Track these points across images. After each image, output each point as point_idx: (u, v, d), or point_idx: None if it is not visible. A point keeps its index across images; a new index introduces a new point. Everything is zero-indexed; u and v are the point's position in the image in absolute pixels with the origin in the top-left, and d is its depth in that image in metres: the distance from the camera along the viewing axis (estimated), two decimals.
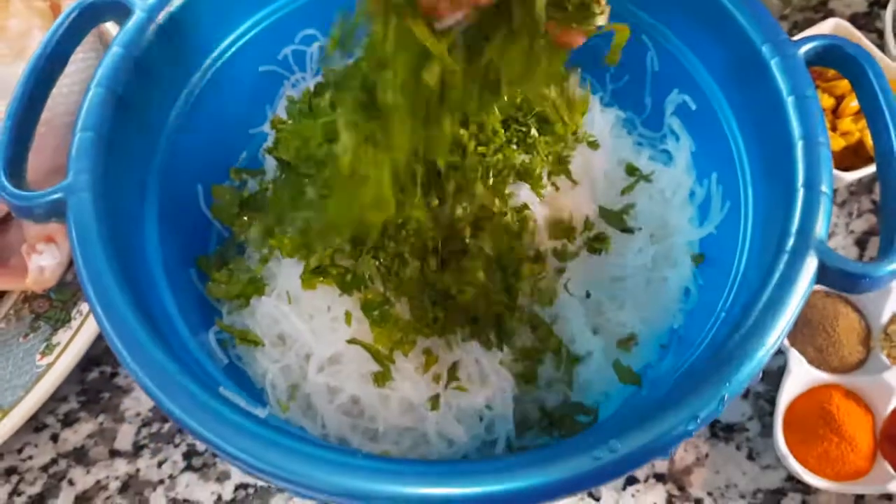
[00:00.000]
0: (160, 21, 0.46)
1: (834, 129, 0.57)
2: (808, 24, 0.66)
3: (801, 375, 0.49)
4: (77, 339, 0.53)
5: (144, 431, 0.54)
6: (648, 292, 0.47)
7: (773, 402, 0.51)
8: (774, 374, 0.53)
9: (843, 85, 0.58)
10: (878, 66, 0.41)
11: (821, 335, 0.51)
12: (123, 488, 0.53)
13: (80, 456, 0.54)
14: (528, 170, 0.45)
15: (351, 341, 0.42)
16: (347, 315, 0.43)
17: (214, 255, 0.51)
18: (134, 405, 0.55)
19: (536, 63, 0.34)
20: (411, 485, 0.32)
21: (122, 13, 0.47)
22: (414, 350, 0.43)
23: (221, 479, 0.52)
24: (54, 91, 0.46)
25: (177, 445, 0.53)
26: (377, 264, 0.41)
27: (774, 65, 0.42)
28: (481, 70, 0.35)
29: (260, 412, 0.38)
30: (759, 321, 0.36)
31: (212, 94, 0.51)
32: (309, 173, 0.45)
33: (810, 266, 0.37)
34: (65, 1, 0.59)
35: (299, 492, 0.33)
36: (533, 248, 0.44)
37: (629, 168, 0.51)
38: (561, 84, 0.45)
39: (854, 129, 0.57)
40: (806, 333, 0.51)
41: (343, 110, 0.37)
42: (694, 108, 0.49)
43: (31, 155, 0.44)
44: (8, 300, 0.58)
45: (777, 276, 0.37)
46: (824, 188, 0.39)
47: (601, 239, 0.45)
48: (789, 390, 0.49)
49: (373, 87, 0.36)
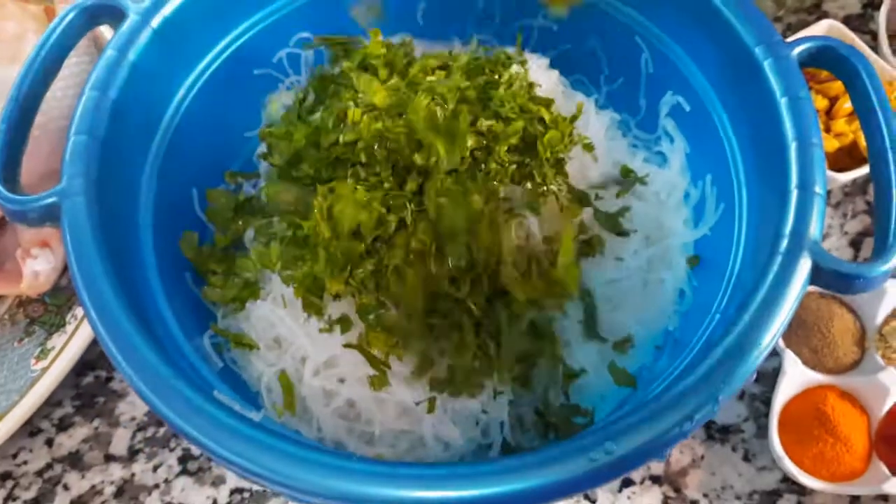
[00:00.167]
0: (154, 25, 0.46)
1: (828, 130, 0.57)
2: (802, 25, 0.66)
3: (796, 376, 0.50)
4: (72, 343, 0.53)
5: (139, 436, 0.54)
6: (644, 294, 0.47)
7: (768, 403, 0.51)
8: (770, 376, 0.53)
9: (836, 86, 0.58)
10: (872, 68, 0.41)
11: (816, 336, 0.51)
12: (118, 493, 0.52)
13: (74, 460, 0.54)
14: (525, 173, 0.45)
15: (347, 345, 0.42)
16: (343, 321, 0.43)
17: (207, 249, 0.50)
18: (129, 409, 0.55)
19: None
20: (406, 488, 0.32)
21: (117, 17, 0.47)
22: (409, 354, 0.43)
23: (217, 483, 0.52)
24: (48, 95, 0.46)
25: (172, 450, 0.53)
26: (371, 271, 0.41)
27: (768, 66, 0.42)
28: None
29: (254, 416, 0.38)
30: (753, 322, 0.36)
31: (206, 97, 0.51)
32: (299, 176, 0.45)
33: (804, 267, 0.37)
34: (59, 5, 0.59)
35: (294, 496, 0.33)
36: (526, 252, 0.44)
37: (624, 170, 0.51)
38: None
39: (848, 130, 0.57)
40: (801, 334, 0.51)
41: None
42: (688, 109, 0.49)
43: (25, 159, 0.44)
44: (2, 305, 0.58)
45: (771, 277, 0.37)
46: (818, 189, 0.39)
47: (595, 242, 0.45)
48: (784, 391, 0.49)
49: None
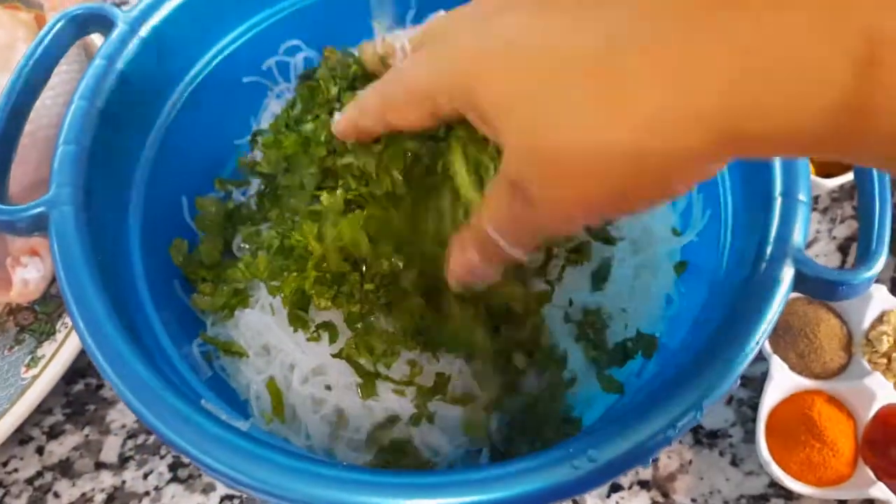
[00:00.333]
0: (143, 34, 0.46)
1: None
2: None
3: (783, 381, 0.50)
4: (62, 351, 0.53)
5: (130, 443, 0.54)
6: (631, 301, 0.47)
7: (755, 408, 0.51)
8: (757, 380, 0.53)
9: None
10: None
11: (802, 341, 0.51)
12: (109, 500, 0.52)
13: (65, 468, 0.54)
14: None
15: (335, 355, 0.42)
16: (331, 329, 0.43)
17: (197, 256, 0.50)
18: (119, 417, 0.55)
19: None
20: (392, 496, 0.32)
21: (106, 25, 0.47)
22: (398, 361, 0.43)
23: (207, 490, 0.52)
24: (37, 103, 0.46)
25: (162, 457, 0.53)
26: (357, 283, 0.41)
27: None
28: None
29: (242, 425, 0.38)
30: (737, 329, 0.36)
31: (195, 105, 0.51)
32: (287, 185, 0.46)
33: (787, 274, 0.37)
34: (50, 13, 0.59)
35: None
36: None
37: None
38: None
39: None
40: (788, 340, 0.52)
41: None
42: None
43: (13, 168, 0.44)
44: None
45: (755, 284, 0.37)
46: (802, 196, 0.39)
47: (582, 250, 0.45)
48: (771, 396, 0.49)
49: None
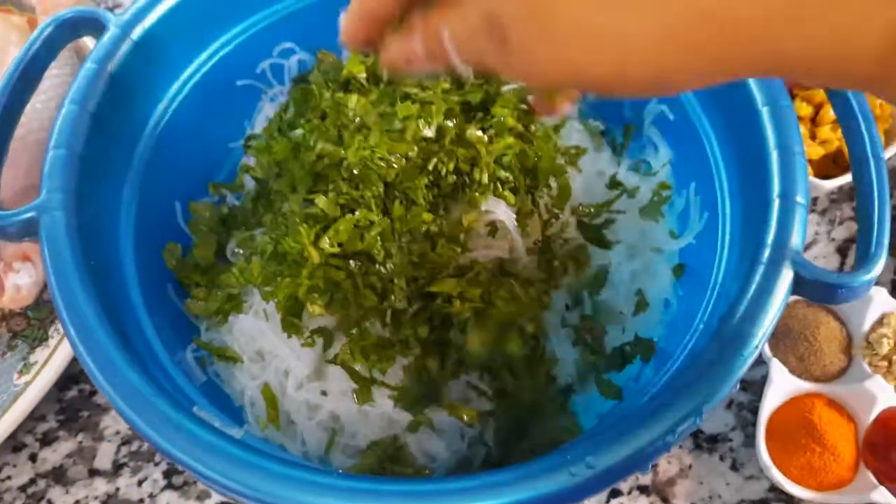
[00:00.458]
0: (135, 37, 0.46)
1: (813, 137, 0.57)
2: None
3: (782, 385, 0.49)
4: (55, 357, 0.52)
5: (124, 450, 0.53)
6: (629, 305, 0.46)
7: (755, 412, 0.51)
8: (757, 384, 0.53)
9: (821, 94, 0.58)
10: None
11: (802, 344, 0.51)
12: None
13: (59, 475, 0.53)
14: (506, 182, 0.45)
15: (330, 361, 0.42)
16: (326, 335, 0.43)
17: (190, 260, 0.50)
18: (113, 423, 0.54)
19: None
20: None
21: (97, 29, 0.47)
22: (393, 367, 0.43)
23: (202, 497, 0.52)
24: (28, 107, 0.46)
25: (157, 464, 0.53)
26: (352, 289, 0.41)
27: None
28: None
29: (236, 432, 0.37)
30: (735, 333, 0.36)
31: (188, 109, 0.50)
32: (279, 189, 0.45)
33: (786, 278, 0.36)
34: (42, 16, 0.59)
35: None
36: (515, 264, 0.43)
37: (612, 182, 0.50)
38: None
39: (833, 137, 0.57)
40: (787, 343, 0.51)
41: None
42: (672, 118, 0.49)
43: (4, 172, 0.44)
44: None
45: (753, 287, 0.37)
46: (800, 199, 0.39)
47: (581, 256, 0.45)
48: (771, 400, 0.49)
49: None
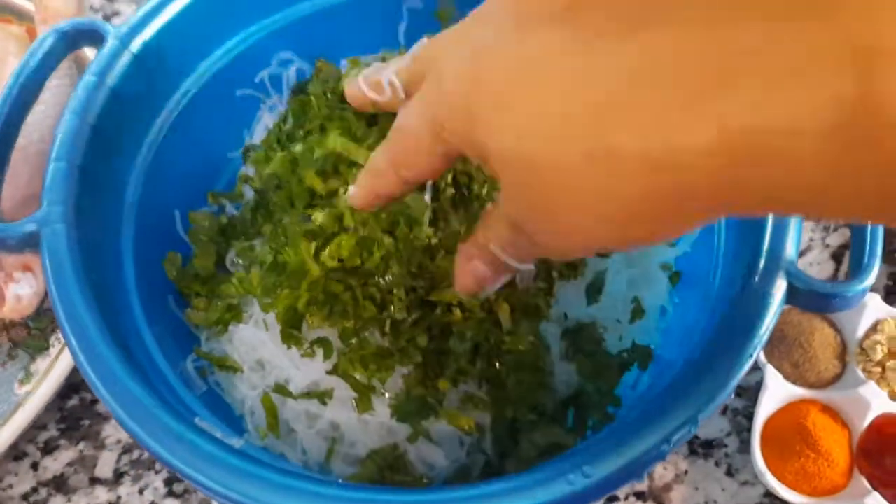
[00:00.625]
0: (134, 49, 0.46)
1: None
2: None
3: (777, 391, 0.50)
4: (56, 366, 0.53)
5: (125, 458, 0.54)
6: (625, 312, 0.47)
7: (750, 417, 0.51)
8: (752, 390, 0.53)
9: None
10: None
11: (797, 351, 0.51)
12: None
13: (60, 484, 0.53)
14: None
15: (330, 372, 0.42)
16: (326, 346, 0.43)
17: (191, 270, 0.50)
18: (114, 432, 0.55)
19: None
20: None
21: (97, 40, 0.47)
22: (393, 376, 0.43)
23: None
24: (28, 118, 0.46)
25: (158, 472, 0.53)
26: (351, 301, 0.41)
27: None
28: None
29: (236, 442, 0.38)
30: (730, 343, 0.36)
31: (188, 119, 0.51)
32: (278, 201, 0.46)
33: (780, 287, 0.37)
34: (41, 26, 0.59)
35: None
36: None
37: None
38: None
39: None
40: (782, 349, 0.52)
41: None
42: None
43: (4, 183, 0.44)
44: None
45: (747, 297, 0.37)
46: None
47: (575, 265, 0.45)
48: (766, 406, 0.49)
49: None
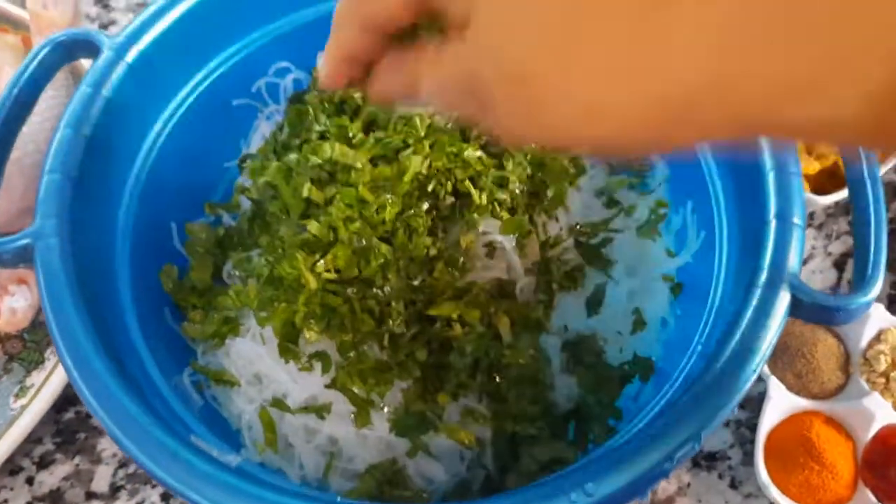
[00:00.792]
0: (129, 59, 0.46)
1: (809, 152, 0.57)
2: None
3: (781, 402, 0.49)
4: (52, 380, 0.52)
5: (121, 473, 0.53)
6: (626, 325, 0.46)
7: (754, 429, 0.50)
8: (755, 401, 0.53)
9: None
10: None
11: (800, 361, 0.51)
12: None
13: (56, 498, 0.53)
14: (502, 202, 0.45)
15: (328, 386, 0.42)
16: (325, 359, 0.43)
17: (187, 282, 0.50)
18: (110, 446, 0.54)
19: None
20: None
21: (92, 51, 0.47)
22: (392, 390, 0.43)
23: None
24: (23, 129, 0.46)
25: (154, 486, 0.53)
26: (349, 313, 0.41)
27: None
28: None
29: (232, 459, 0.37)
30: (733, 357, 0.36)
31: (184, 129, 0.50)
32: (274, 211, 0.45)
33: (783, 301, 0.36)
34: (36, 36, 0.59)
35: None
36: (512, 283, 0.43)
37: (610, 201, 0.50)
38: None
39: (829, 152, 0.57)
40: (785, 360, 0.51)
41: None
42: None
43: (0, 195, 0.44)
44: None
45: (750, 311, 0.37)
46: (797, 220, 0.39)
47: (575, 277, 0.45)
48: (770, 418, 0.49)
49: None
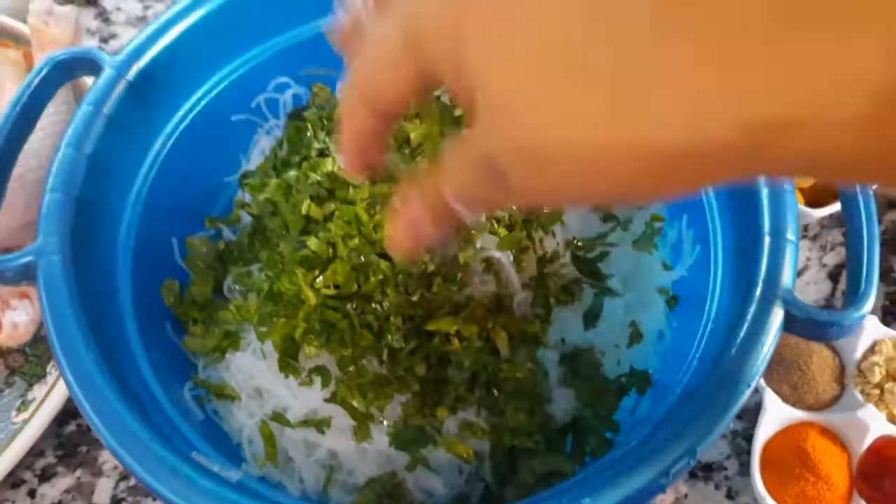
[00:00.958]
0: (130, 77, 0.46)
1: None
2: None
3: (776, 414, 0.50)
4: (53, 393, 0.53)
5: (122, 485, 0.54)
6: (622, 338, 0.47)
7: (750, 439, 0.51)
8: (751, 412, 0.53)
9: None
10: None
11: (795, 373, 0.51)
12: None
13: None
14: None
15: (328, 400, 0.42)
16: (324, 373, 0.43)
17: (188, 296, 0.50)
18: (111, 458, 0.55)
19: None
20: None
21: (94, 70, 0.47)
22: (391, 403, 0.43)
23: None
24: (25, 146, 0.46)
25: (155, 499, 0.53)
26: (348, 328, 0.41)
27: None
28: None
29: (233, 475, 0.38)
30: (728, 373, 0.36)
31: (184, 145, 0.51)
32: (273, 227, 0.46)
33: (777, 316, 0.37)
34: (38, 52, 0.59)
35: None
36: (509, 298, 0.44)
37: (606, 214, 0.50)
38: None
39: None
40: (780, 372, 0.51)
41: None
42: None
43: (2, 211, 0.44)
44: None
45: (745, 327, 0.37)
46: (790, 236, 0.39)
47: (574, 290, 0.45)
48: (765, 429, 0.49)
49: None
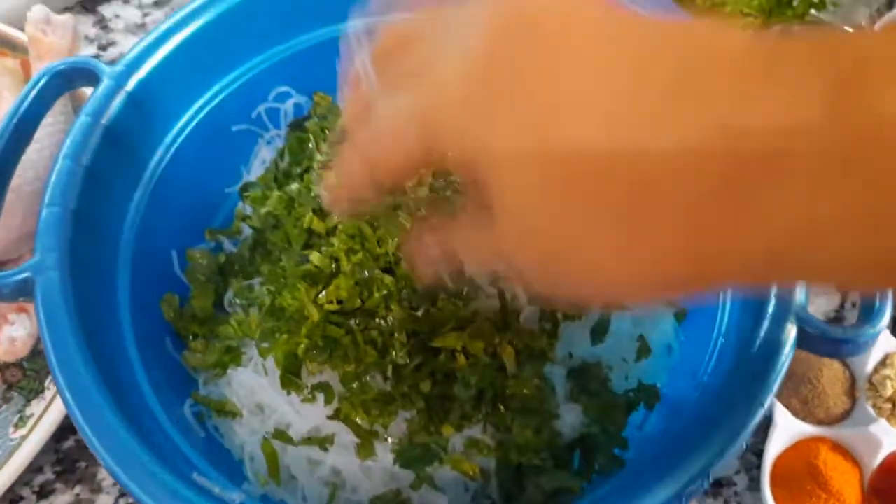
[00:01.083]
0: (129, 88, 0.46)
1: None
2: None
3: (786, 428, 0.49)
4: (51, 409, 0.52)
5: (122, 502, 0.53)
6: (631, 351, 0.46)
7: (760, 454, 0.50)
8: (762, 426, 0.52)
9: None
10: None
11: (805, 387, 0.50)
12: None
13: None
14: None
15: (331, 417, 0.41)
16: (327, 390, 0.42)
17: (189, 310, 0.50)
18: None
19: None
20: None
21: (92, 80, 0.46)
22: (396, 420, 0.42)
23: None
24: (23, 157, 0.46)
25: None
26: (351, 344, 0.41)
27: None
28: None
29: (235, 497, 0.37)
30: (741, 392, 0.36)
31: (184, 156, 0.50)
32: (275, 241, 0.45)
33: (790, 333, 0.36)
34: (35, 62, 0.59)
35: None
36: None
37: None
38: None
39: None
40: (790, 386, 0.51)
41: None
42: None
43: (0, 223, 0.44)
44: None
45: (758, 343, 0.36)
46: None
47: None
48: (776, 444, 0.49)
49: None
